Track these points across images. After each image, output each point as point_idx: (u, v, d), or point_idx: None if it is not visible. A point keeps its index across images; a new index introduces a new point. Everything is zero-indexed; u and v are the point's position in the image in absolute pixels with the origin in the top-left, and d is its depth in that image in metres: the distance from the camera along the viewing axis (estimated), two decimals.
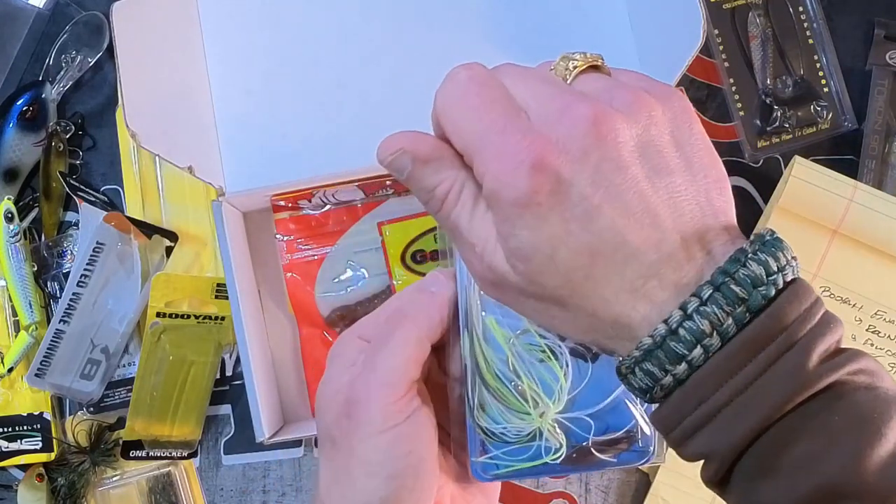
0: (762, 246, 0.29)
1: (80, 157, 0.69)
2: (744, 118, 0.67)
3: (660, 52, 0.58)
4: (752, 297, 0.28)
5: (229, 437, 0.67)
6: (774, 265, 0.29)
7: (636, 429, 0.39)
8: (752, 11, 0.68)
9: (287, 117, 0.60)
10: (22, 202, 0.68)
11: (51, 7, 0.70)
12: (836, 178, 0.63)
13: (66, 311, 0.64)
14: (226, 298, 0.60)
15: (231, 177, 0.59)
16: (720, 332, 0.28)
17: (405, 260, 0.63)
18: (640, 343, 0.29)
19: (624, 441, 0.39)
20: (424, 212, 0.63)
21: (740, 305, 0.28)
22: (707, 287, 0.29)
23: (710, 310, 0.28)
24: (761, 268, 0.29)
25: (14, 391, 0.67)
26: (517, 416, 0.38)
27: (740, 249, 0.30)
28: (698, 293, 0.29)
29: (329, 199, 0.62)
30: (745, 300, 0.28)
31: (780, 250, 0.30)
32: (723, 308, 0.28)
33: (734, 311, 0.28)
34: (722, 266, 0.29)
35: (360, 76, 0.61)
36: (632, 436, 0.39)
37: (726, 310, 0.28)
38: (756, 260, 0.29)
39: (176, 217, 0.67)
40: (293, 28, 0.62)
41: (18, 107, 0.67)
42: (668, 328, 0.29)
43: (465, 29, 0.61)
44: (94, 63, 0.68)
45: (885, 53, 0.67)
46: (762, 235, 0.30)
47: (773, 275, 0.29)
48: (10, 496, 0.67)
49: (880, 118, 0.67)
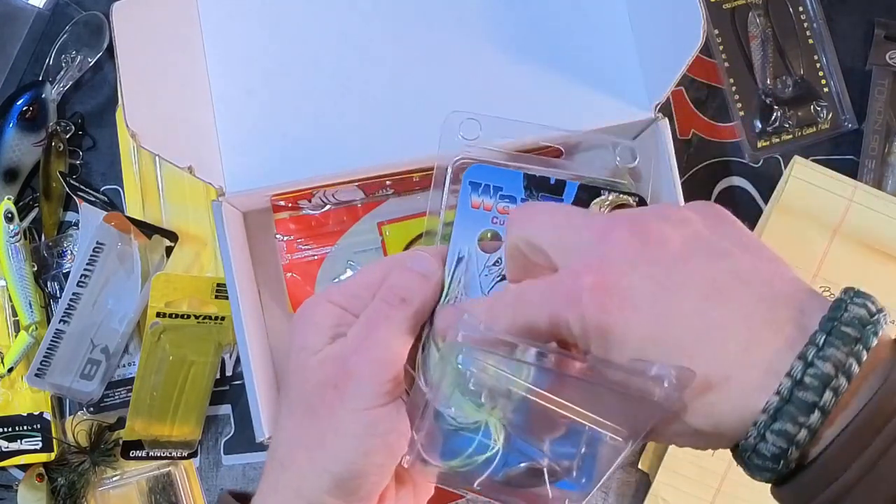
0: (855, 294, 0.30)
1: (80, 157, 0.69)
2: (744, 118, 0.67)
3: (660, 52, 0.58)
4: (865, 334, 0.29)
5: (229, 437, 0.67)
6: (873, 307, 0.30)
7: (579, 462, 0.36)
8: (752, 11, 0.68)
9: (287, 117, 0.60)
10: (22, 202, 0.68)
11: (51, 7, 0.70)
12: (836, 178, 0.63)
13: (66, 311, 0.64)
14: (226, 298, 0.60)
15: (231, 177, 0.59)
16: (845, 373, 0.28)
17: None
18: (766, 404, 0.29)
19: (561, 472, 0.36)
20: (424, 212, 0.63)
21: (857, 344, 0.29)
22: (820, 334, 0.29)
23: (829, 353, 0.29)
24: (863, 310, 0.29)
25: (14, 391, 0.67)
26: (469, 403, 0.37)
27: (838, 298, 0.30)
28: (813, 340, 0.29)
29: (329, 199, 0.62)
30: (858, 339, 0.29)
31: (870, 298, 0.31)
32: (841, 349, 0.29)
33: (853, 350, 0.29)
34: (827, 314, 0.30)
35: (360, 76, 0.61)
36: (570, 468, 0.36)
37: (844, 350, 0.29)
38: (856, 304, 0.30)
39: (176, 217, 0.67)
40: (293, 28, 0.62)
41: (18, 107, 0.67)
42: (793, 380, 0.29)
43: (465, 29, 0.61)
44: (94, 63, 0.68)
45: (885, 53, 0.67)
46: (850, 288, 0.31)
47: (875, 314, 0.30)
48: (10, 496, 0.67)
49: (880, 118, 0.67)
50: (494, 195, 0.43)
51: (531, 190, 0.42)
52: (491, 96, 0.60)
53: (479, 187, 0.43)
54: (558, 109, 0.60)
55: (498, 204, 0.42)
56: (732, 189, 0.68)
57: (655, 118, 0.59)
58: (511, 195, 0.43)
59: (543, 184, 0.42)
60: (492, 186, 0.43)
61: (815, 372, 0.28)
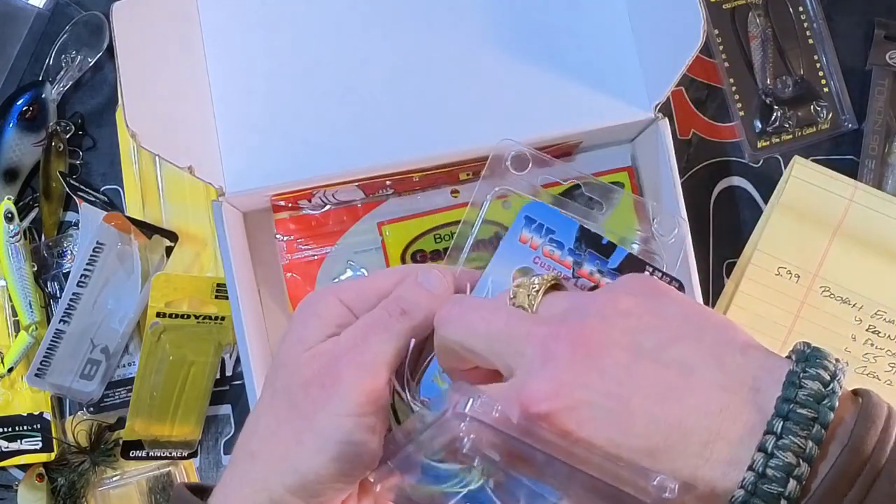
0: (806, 362, 0.30)
1: (80, 157, 0.69)
2: (744, 118, 0.67)
3: (660, 52, 0.58)
4: (821, 412, 0.29)
5: (229, 437, 0.67)
6: (826, 375, 0.30)
7: None
8: (752, 11, 0.68)
9: (287, 117, 0.60)
10: (22, 202, 0.68)
11: (51, 7, 0.70)
12: (836, 178, 0.63)
13: (66, 311, 0.64)
14: (226, 298, 0.60)
15: (231, 177, 0.59)
16: (805, 458, 0.29)
17: (405, 260, 0.63)
18: (732, 498, 0.29)
19: None
20: (424, 212, 0.63)
21: (814, 425, 0.29)
22: (776, 420, 0.29)
23: (788, 441, 0.29)
24: (817, 382, 0.29)
25: (14, 391, 0.67)
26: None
27: (790, 372, 0.30)
28: (770, 429, 0.29)
29: (329, 199, 0.62)
30: (815, 419, 0.29)
31: (824, 358, 0.30)
32: (798, 435, 0.29)
33: (811, 433, 0.29)
34: (781, 395, 0.30)
35: (360, 76, 0.61)
36: None
37: (802, 434, 0.29)
38: (809, 376, 0.30)
39: (176, 217, 0.67)
40: (293, 28, 0.62)
41: (18, 107, 0.67)
42: (756, 473, 0.29)
43: (465, 29, 0.61)
44: (94, 63, 0.68)
45: (885, 53, 0.67)
46: (801, 351, 0.31)
47: (830, 383, 0.30)
48: (10, 496, 0.67)
49: (880, 118, 0.67)
50: (545, 236, 0.43)
51: (581, 243, 0.43)
52: (491, 96, 0.60)
53: (532, 223, 0.43)
54: (558, 109, 0.60)
55: (545, 246, 0.43)
56: (732, 189, 0.68)
57: (655, 118, 0.59)
58: (561, 241, 0.43)
59: (595, 241, 0.43)
60: (545, 227, 0.43)
61: (777, 463, 0.29)
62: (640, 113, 0.59)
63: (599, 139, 0.63)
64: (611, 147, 0.65)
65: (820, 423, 0.29)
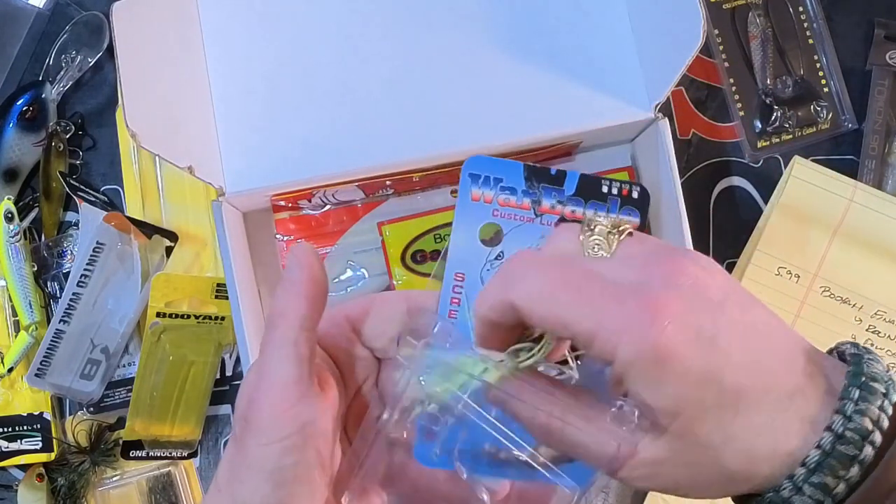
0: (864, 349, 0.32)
1: (80, 157, 0.69)
2: (744, 118, 0.67)
3: (660, 52, 0.58)
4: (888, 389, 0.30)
5: (229, 438, 0.67)
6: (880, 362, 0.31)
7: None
8: (752, 11, 0.68)
9: (287, 117, 0.60)
10: (22, 202, 0.68)
11: (51, 7, 0.70)
12: (836, 178, 0.63)
13: (66, 311, 0.64)
14: (226, 298, 0.60)
15: (231, 177, 0.59)
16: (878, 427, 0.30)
17: (405, 260, 0.63)
18: (807, 459, 0.30)
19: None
20: (424, 212, 0.63)
21: (884, 399, 0.30)
22: (853, 388, 0.30)
23: (865, 407, 0.30)
24: (878, 364, 0.31)
25: (14, 391, 0.67)
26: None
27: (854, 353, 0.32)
28: (848, 395, 0.30)
29: (329, 199, 0.62)
30: (885, 394, 0.30)
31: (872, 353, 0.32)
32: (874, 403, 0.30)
33: (881, 405, 0.30)
34: (852, 369, 0.31)
35: (360, 76, 0.61)
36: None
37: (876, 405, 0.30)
38: (871, 359, 0.31)
39: (176, 217, 0.67)
40: (293, 28, 0.62)
41: (18, 107, 0.67)
42: (835, 434, 0.30)
43: (465, 29, 0.61)
44: (94, 63, 0.68)
45: (885, 53, 0.67)
46: (853, 343, 0.33)
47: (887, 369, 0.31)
48: (10, 496, 0.67)
49: (880, 118, 0.67)
50: (495, 186, 0.42)
51: (532, 181, 0.42)
52: (491, 96, 0.60)
53: (478, 179, 0.42)
54: (558, 109, 0.60)
55: (499, 196, 0.42)
56: (732, 189, 0.68)
57: (655, 118, 0.59)
58: (512, 186, 0.42)
59: (544, 174, 0.42)
60: (492, 178, 0.42)
61: (855, 426, 0.29)
62: (640, 113, 0.59)
63: (599, 139, 0.63)
64: (611, 147, 0.65)
65: (888, 398, 0.30)
